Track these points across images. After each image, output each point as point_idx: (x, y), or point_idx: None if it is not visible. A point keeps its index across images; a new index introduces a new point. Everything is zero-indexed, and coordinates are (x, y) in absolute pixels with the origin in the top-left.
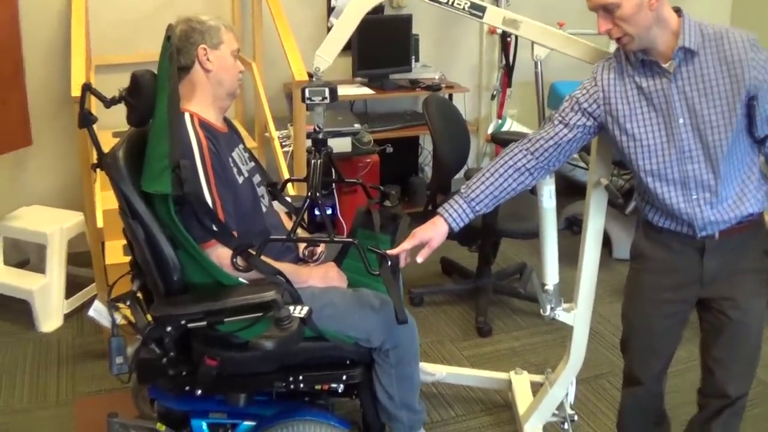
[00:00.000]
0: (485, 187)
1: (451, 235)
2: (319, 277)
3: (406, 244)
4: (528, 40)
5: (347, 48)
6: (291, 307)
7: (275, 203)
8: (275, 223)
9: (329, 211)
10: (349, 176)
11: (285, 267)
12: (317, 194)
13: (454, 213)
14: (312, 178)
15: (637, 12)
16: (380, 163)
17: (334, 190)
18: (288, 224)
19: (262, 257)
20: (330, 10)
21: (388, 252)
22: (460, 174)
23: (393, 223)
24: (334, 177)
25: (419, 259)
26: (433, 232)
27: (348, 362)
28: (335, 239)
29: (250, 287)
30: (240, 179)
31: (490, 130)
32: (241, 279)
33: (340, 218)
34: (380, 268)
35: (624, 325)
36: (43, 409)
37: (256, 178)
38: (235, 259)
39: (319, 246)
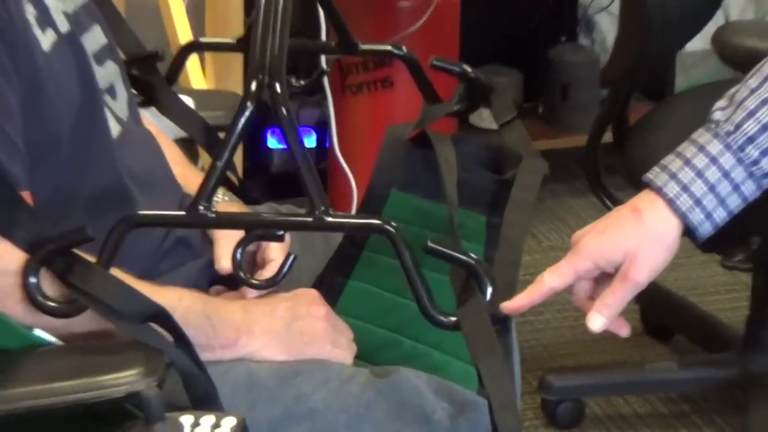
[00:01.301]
0: None
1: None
2: (274, 332)
3: (554, 278)
4: None
5: None
6: (185, 420)
7: (148, 113)
8: (149, 169)
9: (310, 139)
10: (368, 39)
11: (175, 298)
12: (276, 84)
13: (703, 190)
14: (260, 42)
15: None
16: (463, 8)
17: (326, 81)
18: (190, 178)
19: (114, 271)
20: None
21: (507, 305)
22: (696, 43)
23: (499, 185)
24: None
25: (624, 333)
26: (639, 245)
27: None
28: (328, 219)
29: (70, 355)
30: (45, 41)
31: None
32: (42, 334)
33: (341, 161)
34: (462, 312)
35: None
36: None
37: (93, 40)
38: (31, 277)
39: (278, 242)
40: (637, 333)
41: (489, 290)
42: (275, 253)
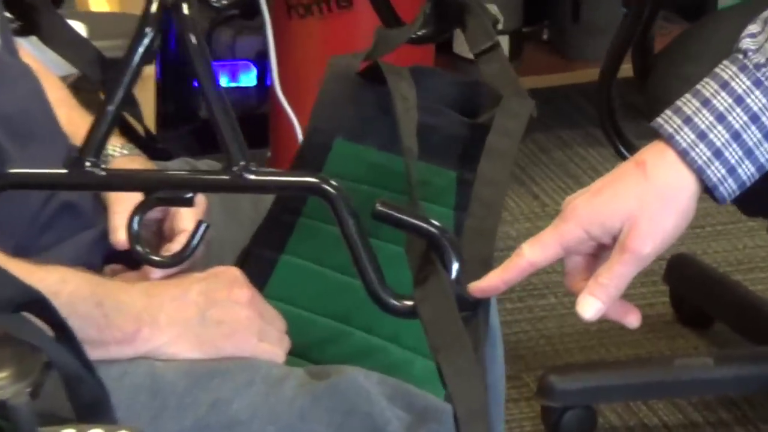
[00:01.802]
0: None
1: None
2: (184, 322)
3: (534, 250)
4: None
5: None
6: None
7: (27, 43)
8: (24, 114)
9: (250, 76)
10: None
11: (57, 280)
12: (183, 4)
13: (724, 139)
14: None
15: None
16: None
17: (263, 0)
18: (80, 126)
19: None
20: None
21: (479, 285)
22: None
23: (473, 131)
24: None
25: (633, 322)
26: (641, 207)
27: None
28: (248, 177)
29: None
30: None
31: None
32: None
33: (283, 103)
34: (420, 294)
35: None
36: None
37: None
38: None
39: (188, 207)
40: (666, 321)
41: (455, 266)
42: (187, 221)
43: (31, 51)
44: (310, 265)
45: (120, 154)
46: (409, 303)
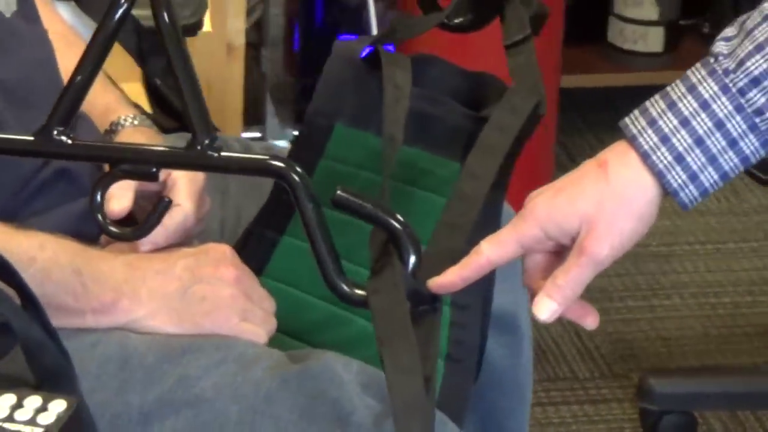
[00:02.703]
0: None
1: None
2: (165, 296)
3: (492, 247)
4: None
5: None
6: (5, 400)
7: (65, 8)
8: (26, 81)
9: None
10: None
11: (35, 245)
12: None
13: (686, 144)
14: None
15: None
16: None
17: None
18: (97, 95)
19: None
20: None
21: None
22: None
23: (477, 124)
24: None
25: (590, 324)
26: (599, 209)
27: None
28: (211, 155)
29: None
30: None
31: None
32: None
33: None
34: (373, 284)
35: None
36: None
37: None
38: None
39: (150, 181)
40: None
41: (411, 259)
42: (181, 196)
43: (66, 17)
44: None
45: (130, 125)
46: (361, 292)
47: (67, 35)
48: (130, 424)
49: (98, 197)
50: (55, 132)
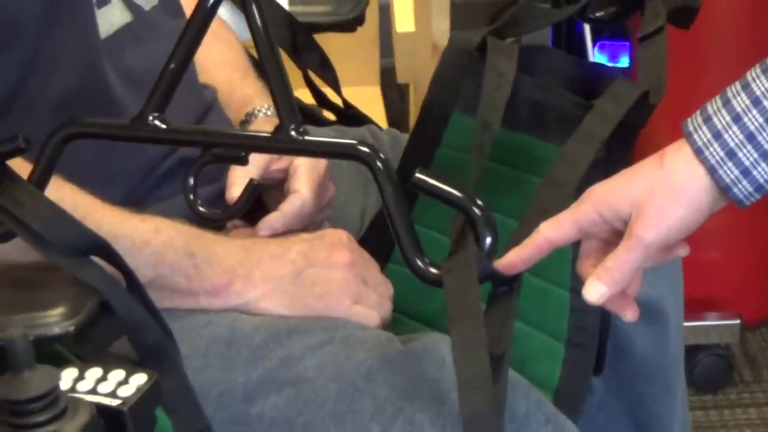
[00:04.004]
0: None
1: None
2: (278, 279)
3: (550, 228)
4: None
5: None
6: (68, 373)
7: (224, 8)
8: (154, 70)
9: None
10: None
11: (150, 229)
12: None
13: (738, 139)
14: None
15: None
16: None
17: None
18: (236, 87)
19: (74, 191)
20: None
21: (504, 261)
22: None
23: (585, 112)
24: None
25: (628, 316)
26: (651, 194)
27: None
28: (296, 140)
29: None
30: None
31: None
32: None
33: None
34: (448, 264)
35: None
36: None
37: None
38: None
39: (240, 165)
40: None
41: (487, 241)
42: (300, 183)
43: (224, 15)
44: (434, 234)
45: (263, 115)
46: (436, 271)
47: (218, 31)
48: (234, 401)
49: (190, 180)
50: (150, 118)
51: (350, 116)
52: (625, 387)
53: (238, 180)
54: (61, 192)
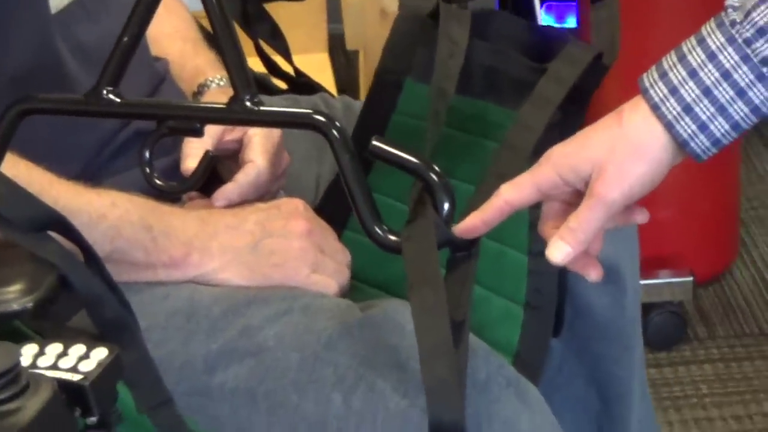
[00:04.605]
0: None
1: None
2: (235, 249)
3: (510, 190)
4: None
5: None
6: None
7: None
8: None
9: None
10: None
11: (107, 203)
12: None
13: (694, 94)
14: None
15: None
16: None
17: None
18: (188, 58)
19: (26, 165)
20: None
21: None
22: None
23: (538, 75)
24: None
25: (592, 276)
26: (610, 153)
27: None
28: (250, 110)
29: None
30: None
31: None
32: None
33: None
34: (407, 231)
35: None
36: None
37: None
38: None
39: (195, 137)
40: None
41: (446, 207)
42: (254, 152)
43: None
44: (389, 201)
45: (216, 86)
46: (395, 238)
47: (167, 2)
48: (195, 373)
49: (146, 153)
50: (105, 92)
51: (302, 84)
52: (583, 348)
53: (193, 152)
54: (15, 168)
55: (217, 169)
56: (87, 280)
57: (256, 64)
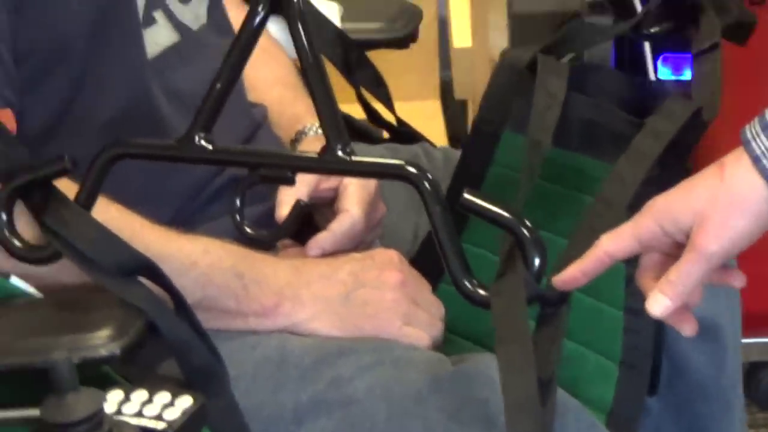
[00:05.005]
0: None
1: None
2: (327, 299)
3: (610, 241)
4: None
5: None
6: (114, 395)
7: (275, 24)
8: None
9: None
10: None
11: (199, 250)
12: None
13: None
14: None
15: None
16: None
17: None
18: (287, 105)
19: (120, 211)
20: None
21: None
22: None
23: (638, 130)
24: None
25: (686, 331)
26: (712, 205)
27: None
28: (342, 160)
29: (36, 310)
30: None
31: None
32: (18, 283)
33: None
34: (496, 286)
35: None
36: None
37: None
38: (2, 213)
39: (287, 185)
40: None
41: (536, 262)
42: (349, 202)
43: (275, 32)
44: (485, 253)
45: (314, 134)
46: (484, 293)
47: (269, 49)
48: (283, 423)
49: (237, 201)
50: (197, 138)
51: (403, 133)
52: (682, 407)
53: (286, 199)
54: (107, 212)
55: (313, 218)
56: (175, 326)
57: (358, 111)
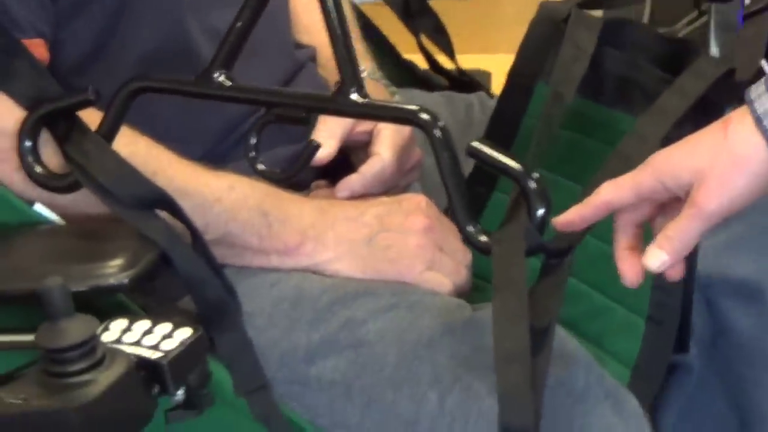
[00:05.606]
0: None
1: None
2: (351, 242)
3: (610, 189)
4: None
5: None
6: (117, 324)
7: None
8: None
9: None
10: None
11: (224, 186)
12: None
13: None
14: None
15: None
16: None
17: None
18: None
19: (147, 145)
20: None
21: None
22: None
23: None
24: None
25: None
26: (713, 163)
27: None
28: (353, 102)
29: (54, 238)
30: None
31: None
32: (42, 210)
33: None
34: (498, 234)
35: None
36: None
37: None
38: (26, 140)
39: (301, 125)
40: None
41: (539, 213)
42: (382, 146)
43: None
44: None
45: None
46: (485, 239)
47: None
48: (295, 361)
49: (252, 138)
50: (216, 75)
51: (463, 82)
52: (725, 368)
53: (323, 141)
54: (135, 145)
55: (350, 160)
56: (190, 261)
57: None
